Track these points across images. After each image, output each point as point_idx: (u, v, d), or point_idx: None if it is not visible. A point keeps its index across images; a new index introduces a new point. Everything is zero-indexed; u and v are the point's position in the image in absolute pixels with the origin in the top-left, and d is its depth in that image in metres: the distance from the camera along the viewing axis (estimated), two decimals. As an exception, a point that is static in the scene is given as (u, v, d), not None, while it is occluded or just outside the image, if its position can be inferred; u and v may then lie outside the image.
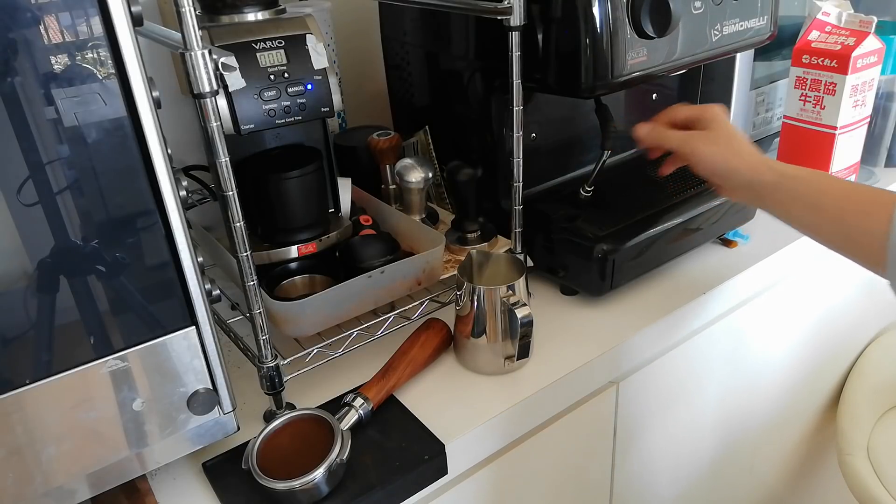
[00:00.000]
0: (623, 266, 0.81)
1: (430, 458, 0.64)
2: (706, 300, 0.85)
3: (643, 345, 0.81)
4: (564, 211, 0.85)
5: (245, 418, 0.67)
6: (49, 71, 0.45)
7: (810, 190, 0.67)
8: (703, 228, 0.89)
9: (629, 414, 0.84)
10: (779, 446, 1.21)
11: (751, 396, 1.05)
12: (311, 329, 0.69)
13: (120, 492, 0.61)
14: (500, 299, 0.70)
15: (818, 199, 0.67)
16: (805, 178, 0.68)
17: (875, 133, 1.10)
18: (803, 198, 0.68)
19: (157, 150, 0.50)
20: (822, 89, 0.95)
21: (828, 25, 0.96)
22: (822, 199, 0.67)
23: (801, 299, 1.04)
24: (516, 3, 0.66)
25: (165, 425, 0.57)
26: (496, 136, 0.85)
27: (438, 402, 0.70)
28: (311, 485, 0.58)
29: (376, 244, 0.78)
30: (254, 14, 0.68)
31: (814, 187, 0.67)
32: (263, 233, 0.78)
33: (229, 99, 0.64)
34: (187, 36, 0.50)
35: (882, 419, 1.25)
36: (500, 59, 0.71)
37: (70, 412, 0.52)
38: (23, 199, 0.47)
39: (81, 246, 0.50)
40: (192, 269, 0.54)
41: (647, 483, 0.95)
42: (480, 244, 0.85)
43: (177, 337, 0.55)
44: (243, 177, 0.73)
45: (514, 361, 0.72)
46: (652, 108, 1.01)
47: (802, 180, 0.68)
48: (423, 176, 0.87)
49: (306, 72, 0.67)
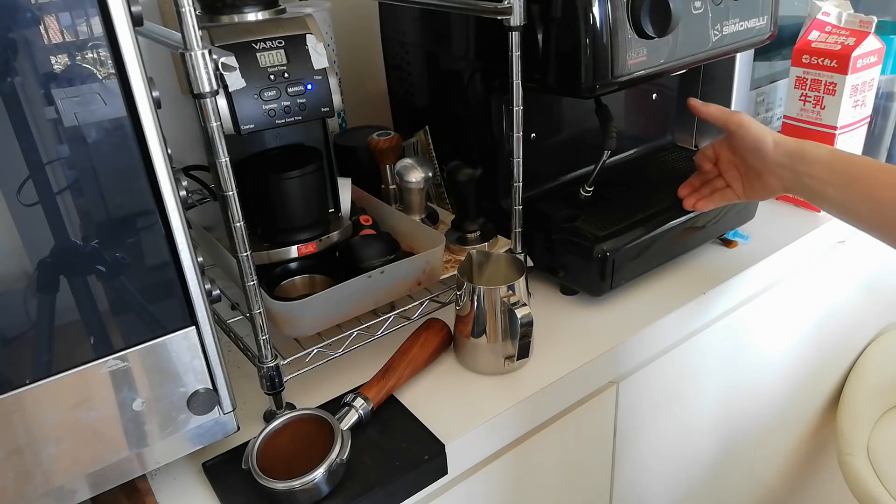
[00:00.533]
0: (623, 266, 0.81)
1: (430, 458, 0.64)
2: (706, 300, 0.85)
3: (643, 345, 0.81)
4: (564, 211, 0.85)
5: (245, 418, 0.67)
6: (49, 71, 0.45)
7: (845, 163, 0.71)
8: (703, 228, 0.89)
9: (629, 414, 0.84)
10: (779, 446, 1.21)
11: (750, 396, 1.05)
12: (311, 329, 0.69)
13: (120, 492, 0.61)
14: (500, 299, 0.70)
15: (851, 172, 0.70)
16: (840, 152, 0.73)
17: (875, 133, 1.09)
18: (841, 171, 0.70)
19: (157, 150, 0.50)
20: (822, 89, 0.95)
21: (828, 25, 0.96)
22: (856, 171, 0.70)
23: (801, 299, 1.04)
24: (516, 3, 0.66)
25: (165, 425, 0.57)
26: (496, 136, 0.85)
27: (438, 402, 0.70)
28: (311, 485, 0.58)
29: (376, 244, 0.78)
30: (254, 14, 0.68)
31: (847, 160, 0.71)
32: (263, 233, 0.78)
33: (229, 99, 0.64)
34: (187, 36, 0.50)
35: (882, 419, 1.25)
36: (500, 59, 0.71)
37: (70, 412, 0.52)
38: (23, 199, 0.47)
39: (81, 246, 0.50)
40: (192, 269, 0.54)
41: (647, 483, 0.95)
42: (480, 244, 0.85)
43: (177, 337, 0.55)
44: (243, 177, 0.73)
45: (514, 361, 0.72)
46: (652, 108, 1.01)
47: (838, 153, 0.72)
48: (423, 176, 0.87)
49: (306, 72, 0.67)
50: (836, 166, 0.71)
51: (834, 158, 0.72)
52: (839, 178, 0.71)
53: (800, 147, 0.74)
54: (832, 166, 0.71)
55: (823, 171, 0.72)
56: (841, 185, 0.71)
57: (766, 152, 0.76)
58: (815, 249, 0.98)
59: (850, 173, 0.70)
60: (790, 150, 0.75)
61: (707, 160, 0.85)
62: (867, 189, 0.69)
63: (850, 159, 0.72)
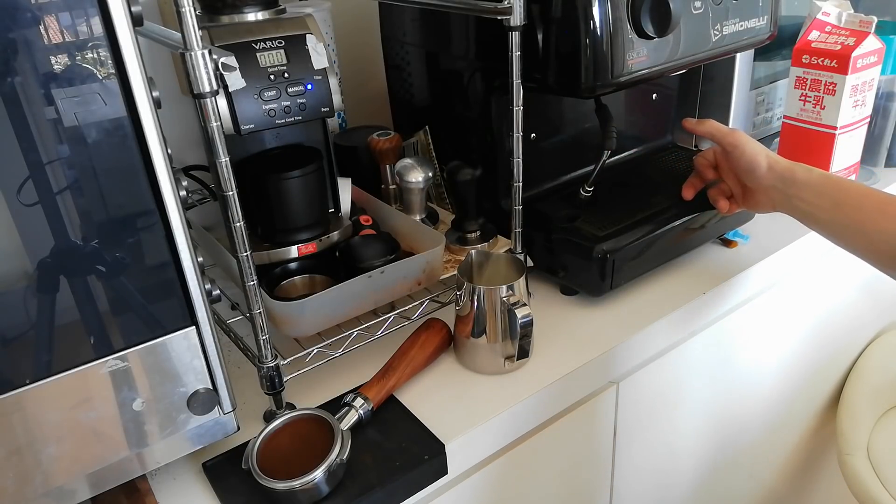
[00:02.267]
0: (623, 266, 0.81)
1: (430, 458, 0.64)
2: (706, 300, 0.85)
3: (643, 345, 0.81)
4: (564, 211, 0.85)
5: (245, 418, 0.67)
6: (49, 71, 0.45)
7: (834, 188, 0.71)
8: (703, 228, 0.89)
9: (629, 414, 0.84)
10: (779, 446, 1.21)
11: (750, 396, 1.05)
12: (311, 329, 0.69)
13: (120, 492, 0.61)
14: (500, 299, 0.70)
15: (840, 196, 0.70)
16: (830, 176, 0.73)
17: (875, 133, 1.10)
18: (829, 195, 0.71)
19: (157, 150, 0.50)
20: (822, 89, 0.95)
21: (828, 25, 0.96)
22: (843, 196, 0.70)
23: (801, 299, 1.04)
24: (516, 3, 0.66)
25: (165, 425, 0.57)
26: (496, 136, 0.85)
27: (438, 402, 0.70)
28: (311, 485, 0.58)
29: (376, 244, 0.78)
30: (254, 14, 0.68)
31: (836, 185, 0.72)
32: (263, 233, 0.78)
33: (229, 99, 0.64)
34: (187, 36, 0.50)
35: (882, 419, 1.25)
36: (500, 59, 0.71)
37: (70, 412, 0.52)
38: (23, 199, 0.47)
39: (81, 246, 0.50)
40: (192, 269, 0.54)
41: (648, 483, 0.95)
42: (480, 244, 0.85)
43: (177, 337, 0.55)
44: (243, 177, 0.73)
45: (514, 361, 0.72)
46: (652, 108, 1.01)
47: (828, 177, 0.73)
48: (423, 176, 0.87)
49: (306, 72, 0.67)
50: (824, 190, 0.72)
51: (823, 182, 0.72)
52: (827, 201, 0.71)
53: (790, 170, 0.75)
54: (821, 190, 0.72)
55: (812, 195, 0.73)
56: (828, 208, 0.71)
57: (759, 175, 0.77)
58: (815, 249, 0.98)
59: (837, 198, 0.71)
60: (782, 173, 0.75)
61: (708, 167, 0.85)
62: (854, 213, 0.69)
63: (838, 184, 0.72)
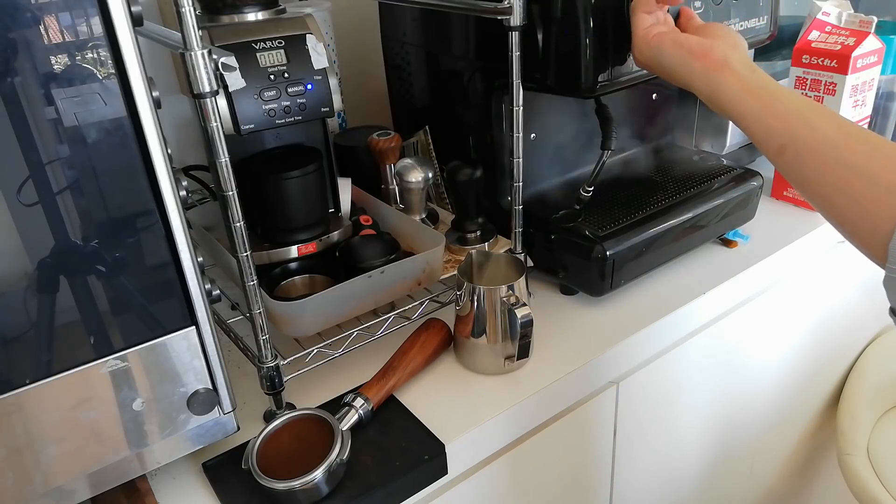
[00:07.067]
0: (623, 266, 0.81)
1: (430, 458, 0.64)
2: (706, 300, 0.85)
3: (643, 345, 0.81)
4: (564, 211, 0.85)
5: (245, 418, 0.67)
6: (49, 71, 0.45)
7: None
8: (703, 228, 0.89)
9: (629, 414, 0.84)
10: (779, 446, 1.21)
11: (750, 396, 1.05)
12: (311, 329, 0.69)
13: (120, 492, 0.61)
14: (500, 299, 0.70)
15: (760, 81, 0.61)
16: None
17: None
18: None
19: (157, 150, 0.50)
20: (822, 89, 0.95)
21: (828, 25, 0.96)
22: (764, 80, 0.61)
23: (801, 299, 1.04)
24: (516, 3, 0.66)
25: (165, 425, 0.57)
26: (496, 136, 0.85)
27: (438, 402, 0.70)
28: (311, 485, 0.58)
29: (376, 244, 0.78)
30: (254, 14, 0.68)
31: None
32: (263, 233, 0.78)
33: (229, 99, 0.64)
34: (187, 36, 0.50)
35: (882, 419, 1.25)
36: (500, 59, 0.71)
37: (70, 412, 0.52)
38: (23, 199, 0.47)
39: (81, 246, 0.50)
40: (192, 269, 0.54)
41: (647, 483, 0.95)
42: (480, 244, 0.85)
43: (177, 337, 0.55)
44: (243, 177, 0.73)
45: (514, 361, 0.72)
46: (652, 108, 1.01)
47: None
48: (423, 176, 0.87)
49: (306, 72, 0.67)
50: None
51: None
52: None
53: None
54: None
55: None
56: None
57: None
58: (815, 249, 0.98)
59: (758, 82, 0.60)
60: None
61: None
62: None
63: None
